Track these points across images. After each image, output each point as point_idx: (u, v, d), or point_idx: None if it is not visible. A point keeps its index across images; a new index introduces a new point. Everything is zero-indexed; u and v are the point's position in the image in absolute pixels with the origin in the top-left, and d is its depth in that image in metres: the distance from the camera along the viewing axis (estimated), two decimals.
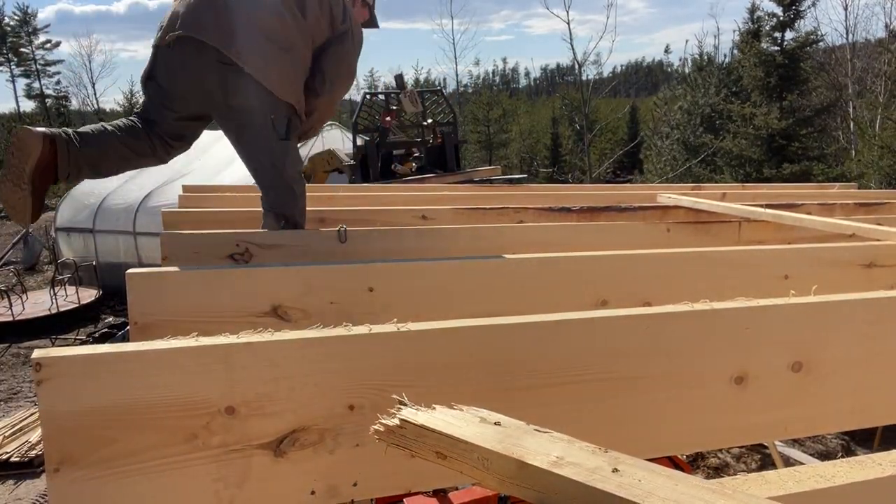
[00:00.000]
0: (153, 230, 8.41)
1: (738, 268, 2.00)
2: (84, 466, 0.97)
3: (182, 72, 2.36)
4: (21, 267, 13.02)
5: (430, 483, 1.18)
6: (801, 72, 15.38)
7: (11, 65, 38.90)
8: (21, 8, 38.53)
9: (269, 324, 1.62)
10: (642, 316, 1.22)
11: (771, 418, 1.30)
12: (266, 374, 1.04)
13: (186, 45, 2.30)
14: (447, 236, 2.44)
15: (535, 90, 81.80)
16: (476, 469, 0.80)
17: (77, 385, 0.96)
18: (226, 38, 2.27)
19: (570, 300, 1.84)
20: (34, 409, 6.42)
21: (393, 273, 1.79)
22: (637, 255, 1.97)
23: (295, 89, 2.43)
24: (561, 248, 2.33)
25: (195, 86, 2.36)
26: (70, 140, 2.24)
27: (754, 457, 5.28)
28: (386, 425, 0.88)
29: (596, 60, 17.64)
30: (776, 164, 14.66)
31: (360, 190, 4.05)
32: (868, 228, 2.39)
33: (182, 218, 2.75)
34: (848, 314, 1.33)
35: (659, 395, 1.22)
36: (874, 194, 4.74)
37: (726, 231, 2.78)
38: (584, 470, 0.73)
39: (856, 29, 24.69)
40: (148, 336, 1.52)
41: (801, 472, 0.94)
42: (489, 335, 1.15)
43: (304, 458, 1.06)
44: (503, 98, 31.70)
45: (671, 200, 3.23)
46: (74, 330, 9.49)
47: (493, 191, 3.51)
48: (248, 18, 2.32)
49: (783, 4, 15.17)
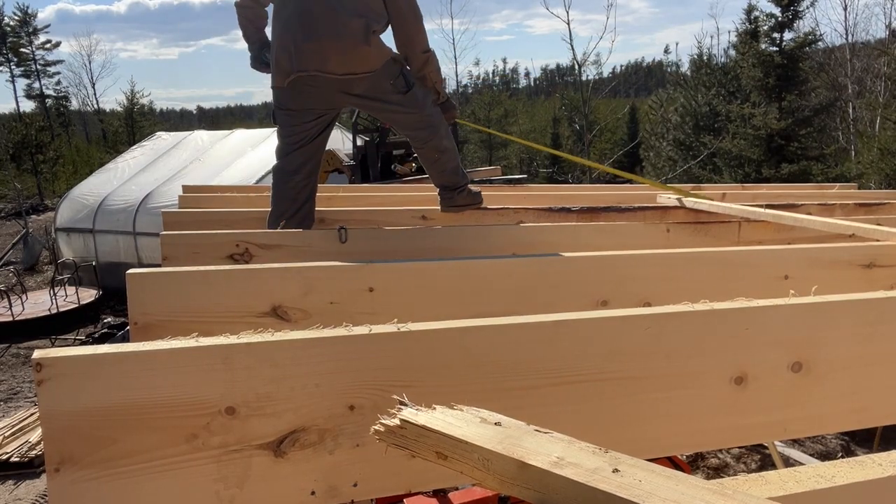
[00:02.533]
0: (153, 230, 8.41)
1: (738, 268, 2.00)
2: (84, 466, 0.97)
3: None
4: (21, 267, 13.03)
5: (431, 483, 1.18)
6: (800, 72, 15.38)
7: (11, 65, 38.92)
8: (21, 8, 38.56)
9: (270, 324, 1.62)
10: (642, 316, 1.22)
11: (771, 418, 1.30)
12: (266, 375, 1.04)
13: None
14: (447, 236, 2.45)
15: (534, 90, 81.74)
16: (476, 469, 0.80)
17: (77, 385, 0.96)
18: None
19: (570, 300, 1.84)
20: (34, 409, 6.42)
21: (393, 273, 1.79)
22: (637, 256, 1.97)
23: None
24: (561, 248, 2.33)
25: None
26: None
27: (754, 457, 5.29)
28: (386, 425, 0.88)
29: (596, 60, 17.79)
30: (775, 165, 14.65)
31: (360, 190, 4.05)
32: (868, 229, 2.39)
33: (182, 218, 2.75)
34: (848, 314, 1.34)
35: (659, 396, 1.22)
36: (874, 194, 4.74)
37: (726, 231, 2.78)
38: (584, 470, 0.73)
39: (855, 29, 24.68)
40: (148, 336, 1.52)
41: (801, 473, 0.94)
42: (489, 335, 1.15)
43: (305, 459, 1.06)
44: (504, 98, 31.65)
45: (671, 201, 3.23)
46: (74, 330, 9.49)
47: (493, 191, 3.50)
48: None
49: (781, 5, 15.16)
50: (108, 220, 11.50)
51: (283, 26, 2.53)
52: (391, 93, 2.58)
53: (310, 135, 2.62)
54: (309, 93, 2.54)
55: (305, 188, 2.65)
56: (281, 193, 2.64)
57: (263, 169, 10.71)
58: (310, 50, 2.46)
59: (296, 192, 2.63)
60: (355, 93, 2.56)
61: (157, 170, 12.35)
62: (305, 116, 2.58)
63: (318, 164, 2.71)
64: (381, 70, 2.53)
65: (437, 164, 2.77)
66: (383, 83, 2.56)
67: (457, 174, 2.81)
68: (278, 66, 2.53)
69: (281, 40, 2.53)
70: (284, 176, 2.64)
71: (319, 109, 2.59)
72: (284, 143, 2.65)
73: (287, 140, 2.64)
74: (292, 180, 2.62)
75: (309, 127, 2.61)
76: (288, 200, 2.63)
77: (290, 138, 2.62)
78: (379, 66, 2.52)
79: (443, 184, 2.82)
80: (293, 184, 2.62)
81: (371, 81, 2.54)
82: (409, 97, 2.60)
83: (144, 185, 11.70)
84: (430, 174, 2.85)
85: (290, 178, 2.62)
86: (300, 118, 2.59)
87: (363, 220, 2.76)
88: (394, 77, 2.57)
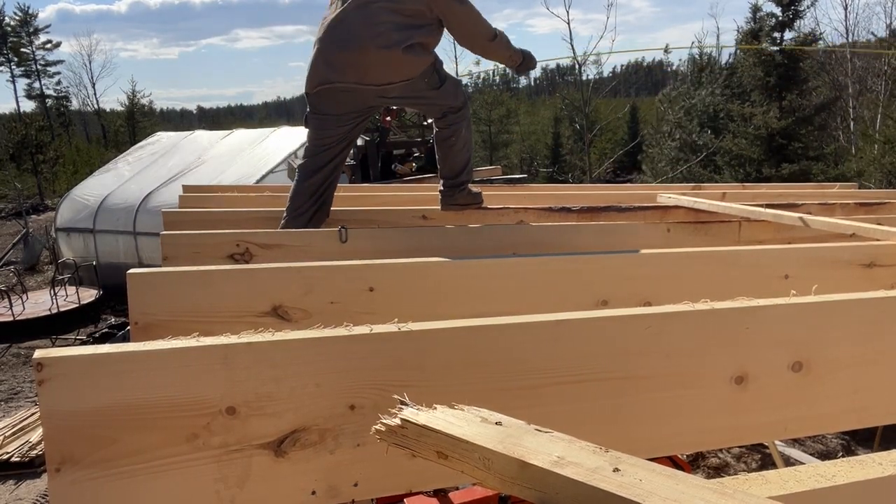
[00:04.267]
0: (153, 230, 8.40)
1: (739, 267, 2.00)
2: (85, 466, 0.97)
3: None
4: (21, 267, 13.02)
5: (431, 483, 1.18)
6: (801, 71, 15.37)
7: (12, 65, 38.96)
8: (22, 8, 38.59)
9: (270, 324, 1.62)
10: (643, 316, 1.22)
11: (771, 418, 1.30)
12: (267, 374, 1.04)
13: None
14: (447, 236, 2.45)
15: (535, 90, 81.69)
16: (477, 469, 0.80)
17: (78, 385, 0.96)
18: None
19: (570, 300, 1.84)
20: (35, 409, 6.42)
21: (393, 273, 1.79)
22: (637, 255, 1.97)
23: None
24: (561, 247, 2.33)
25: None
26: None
27: (754, 456, 5.28)
28: (387, 425, 0.88)
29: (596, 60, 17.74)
30: (775, 164, 14.64)
31: (360, 190, 4.05)
32: (868, 228, 2.39)
33: (183, 218, 2.75)
34: (848, 314, 1.33)
35: (659, 395, 1.22)
36: (874, 194, 4.74)
37: (726, 231, 2.78)
38: (585, 470, 0.73)
39: (856, 28, 24.66)
40: (148, 336, 1.52)
41: (801, 472, 0.94)
42: (490, 335, 1.15)
43: (305, 458, 1.06)
44: (504, 98, 31.62)
45: (671, 200, 3.23)
46: (75, 330, 9.49)
47: (494, 191, 3.50)
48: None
49: (782, 4, 15.17)
50: (109, 220, 11.49)
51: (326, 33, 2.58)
52: (426, 90, 2.68)
53: (340, 136, 2.68)
54: (344, 100, 2.60)
55: (325, 186, 2.71)
56: (300, 189, 2.69)
57: (264, 168, 10.71)
58: (348, 60, 2.52)
59: (314, 188, 2.69)
60: (391, 96, 2.65)
61: (158, 170, 12.35)
62: (340, 121, 2.65)
63: (342, 161, 2.78)
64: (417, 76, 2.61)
65: (452, 153, 2.82)
66: (419, 83, 2.64)
67: (466, 169, 2.85)
68: (315, 73, 2.59)
69: (322, 46, 2.58)
70: (308, 174, 2.69)
71: (353, 113, 2.66)
72: (313, 145, 2.71)
73: (317, 142, 2.70)
74: (314, 178, 2.68)
75: (342, 130, 2.68)
76: (305, 196, 2.68)
77: (321, 140, 2.69)
78: (417, 74, 2.60)
79: (449, 175, 2.85)
80: (314, 181, 2.68)
81: (408, 85, 2.61)
82: (442, 91, 2.71)
83: (145, 184, 11.69)
84: (441, 164, 2.88)
85: (313, 176, 2.68)
86: (334, 122, 2.65)
87: (364, 220, 2.76)
88: (428, 76, 2.65)
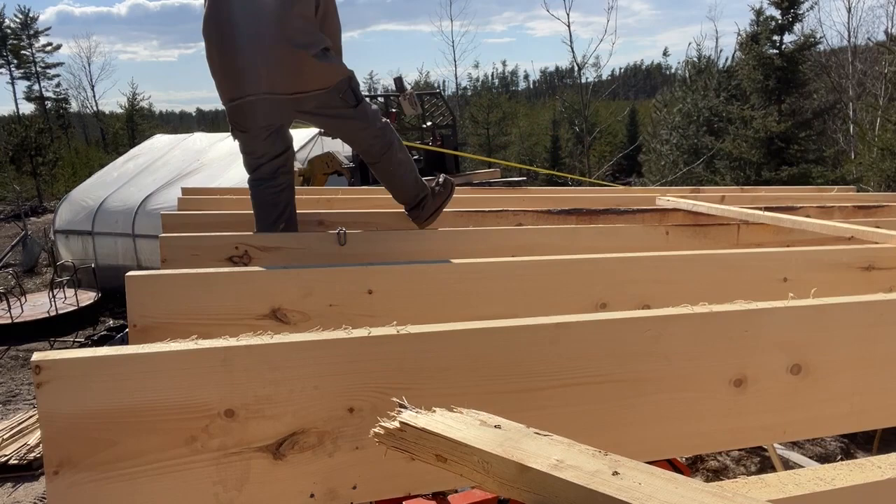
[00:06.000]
0: (152, 232, 8.40)
1: (737, 270, 2.00)
2: (83, 469, 0.97)
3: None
4: (20, 269, 13.02)
5: (430, 486, 1.18)
6: (800, 74, 15.41)
7: (11, 67, 38.97)
8: (22, 10, 38.63)
9: (269, 326, 1.62)
10: (642, 318, 1.22)
11: (770, 421, 1.30)
12: (265, 377, 1.04)
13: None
14: (446, 239, 2.45)
15: (534, 93, 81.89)
16: (476, 472, 0.80)
17: (76, 387, 0.96)
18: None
19: (569, 303, 1.84)
20: (33, 411, 6.41)
21: (392, 275, 1.79)
22: (636, 258, 1.97)
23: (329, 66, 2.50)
24: (560, 250, 2.33)
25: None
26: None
27: (753, 459, 5.28)
28: (386, 428, 0.88)
29: (595, 63, 17.70)
30: (775, 167, 14.67)
31: (359, 192, 4.05)
32: (867, 231, 2.39)
33: (181, 220, 2.75)
34: (846, 317, 1.34)
35: (658, 398, 1.22)
36: (872, 197, 4.75)
37: (725, 234, 2.78)
38: (584, 473, 0.73)
39: (858, 31, 24.70)
40: (147, 338, 1.52)
41: (800, 475, 0.94)
42: (489, 338, 1.15)
43: (304, 461, 1.06)
44: (503, 100, 31.67)
45: (670, 203, 3.23)
46: (73, 332, 9.48)
47: (492, 193, 3.51)
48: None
49: (781, 7, 15.21)
50: (107, 223, 11.49)
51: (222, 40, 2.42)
52: (341, 107, 2.51)
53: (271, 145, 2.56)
54: (260, 112, 2.47)
55: (284, 191, 2.60)
56: (260, 201, 2.59)
57: None
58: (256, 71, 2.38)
59: (274, 196, 2.57)
60: (305, 110, 2.50)
61: (156, 172, 12.36)
62: (262, 133, 2.52)
63: (290, 164, 2.65)
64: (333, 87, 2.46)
65: (396, 179, 2.69)
66: (333, 99, 2.49)
67: (417, 185, 2.72)
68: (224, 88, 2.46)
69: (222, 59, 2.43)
70: (261, 184, 2.58)
71: (274, 125, 2.53)
72: (250, 158, 2.59)
73: (252, 155, 2.59)
74: (269, 186, 2.57)
75: (268, 141, 2.55)
76: (269, 206, 2.58)
77: (254, 153, 2.57)
78: (333, 83, 2.46)
79: (406, 200, 2.73)
80: (271, 190, 2.57)
81: (322, 98, 2.47)
82: (360, 111, 2.53)
83: (143, 187, 11.69)
84: (391, 192, 2.76)
85: (267, 185, 2.57)
86: (258, 135, 2.53)
87: (362, 223, 2.76)
88: (342, 91, 2.49)
